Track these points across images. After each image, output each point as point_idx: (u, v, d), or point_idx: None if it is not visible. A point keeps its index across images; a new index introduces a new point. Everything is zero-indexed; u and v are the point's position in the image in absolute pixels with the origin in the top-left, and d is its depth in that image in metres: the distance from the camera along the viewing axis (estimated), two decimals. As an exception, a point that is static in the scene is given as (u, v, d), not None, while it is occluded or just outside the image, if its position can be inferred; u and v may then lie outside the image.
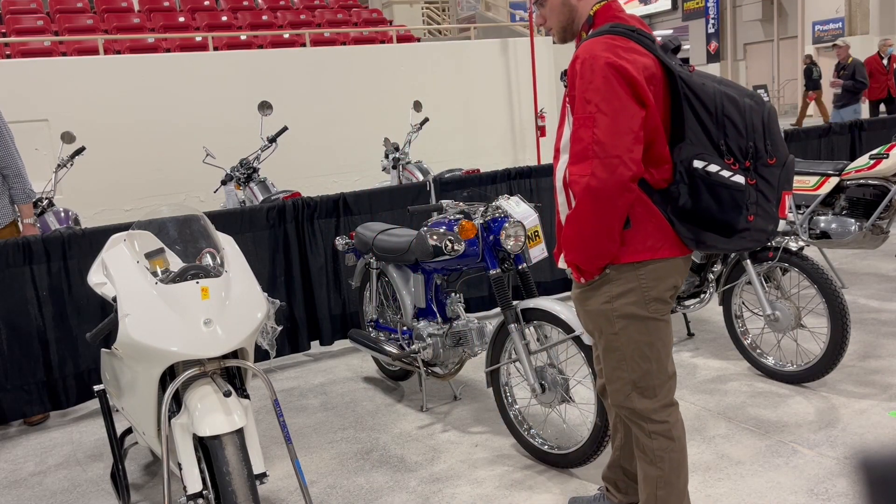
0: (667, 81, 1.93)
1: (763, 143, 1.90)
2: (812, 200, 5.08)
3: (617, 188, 1.86)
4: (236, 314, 2.33)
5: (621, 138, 1.85)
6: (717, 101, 1.89)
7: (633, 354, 2.07)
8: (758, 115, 1.90)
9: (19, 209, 4.15)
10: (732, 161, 1.89)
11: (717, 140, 1.89)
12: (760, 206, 1.92)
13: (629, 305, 2.03)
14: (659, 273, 2.02)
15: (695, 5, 27.33)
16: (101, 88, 9.31)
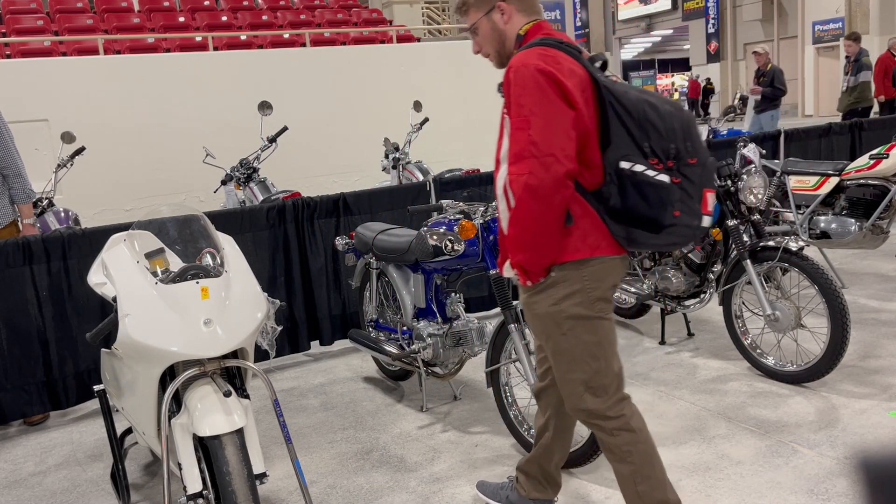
0: (595, 90, 2.06)
1: (683, 144, 2.01)
2: (812, 200, 5.08)
3: (554, 184, 1.98)
4: (236, 314, 2.33)
5: (555, 137, 1.98)
6: (639, 108, 2.01)
7: (583, 355, 2.16)
8: (677, 120, 2.02)
9: (19, 209, 4.15)
10: (656, 161, 2.01)
11: (640, 143, 2.01)
12: (685, 202, 2.03)
13: (576, 306, 2.12)
14: (600, 273, 2.13)
15: (695, 5, 27.33)
16: (101, 88, 9.31)
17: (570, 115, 2.00)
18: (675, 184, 2.01)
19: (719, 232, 3.97)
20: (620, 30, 32.11)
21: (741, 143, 4.34)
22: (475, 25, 2.26)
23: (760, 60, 10.43)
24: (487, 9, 2.20)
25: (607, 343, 2.18)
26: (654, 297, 4.26)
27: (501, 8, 2.19)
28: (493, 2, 2.20)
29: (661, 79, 38.32)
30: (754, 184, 3.80)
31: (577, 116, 2.01)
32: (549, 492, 2.60)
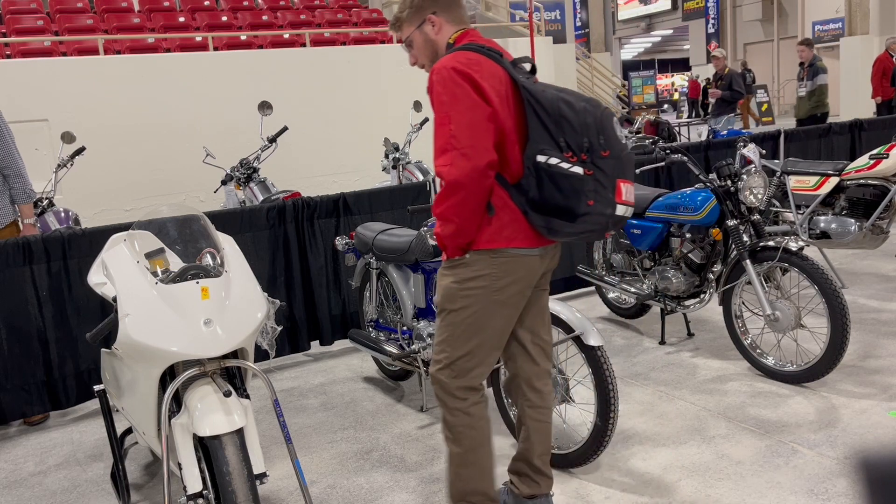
0: (515, 90, 2.24)
1: (596, 139, 2.14)
2: (812, 200, 5.08)
3: (474, 174, 2.13)
4: (236, 314, 2.33)
5: (473, 131, 2.14)
6: (554, 105, 2.16)
7: (462, 335, 2.32)
8: (591, 116, 2.15)
9: (20, 209, 4.15)
10: (571, 154, 2.15)
11: (556, 137, 2.16)
12: (598, 192, 2.16)
13: (475, 290, 2.28)
14: (510, 266, 2.27)
15: (695, 5, 27.33)
16: (101, 88, 9.31)
17: (487, 110, 2.15)
18: (587, 175, 2.15)
19: (719, 232, 3.98)
20: (620, 30, 32.12)
21: (741, 143, 4.34)
22: (409, 38, 2.42)
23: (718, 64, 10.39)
24: (419, 22, 2.38)
25: (491, 334, 2.33)
26: (654, 297, 4.26)
27: (432, 20, 2.36)
28: (424, 15, 2.36)
29: (661, 79, 38.30)
30: (754, 184, 3.80)
31: (493, 113, 2.17)
32: (542, 486, 2.60)
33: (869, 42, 19.42)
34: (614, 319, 4.90)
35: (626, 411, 3.48)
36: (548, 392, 2.58)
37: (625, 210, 2.22)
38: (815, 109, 9.61)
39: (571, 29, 26.48)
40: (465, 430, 2.36)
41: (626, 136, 9.46)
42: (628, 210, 2.24)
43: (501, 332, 2.36)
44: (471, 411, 2.36)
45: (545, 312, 2.56)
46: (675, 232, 4.16)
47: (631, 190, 2.23)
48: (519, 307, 2.36)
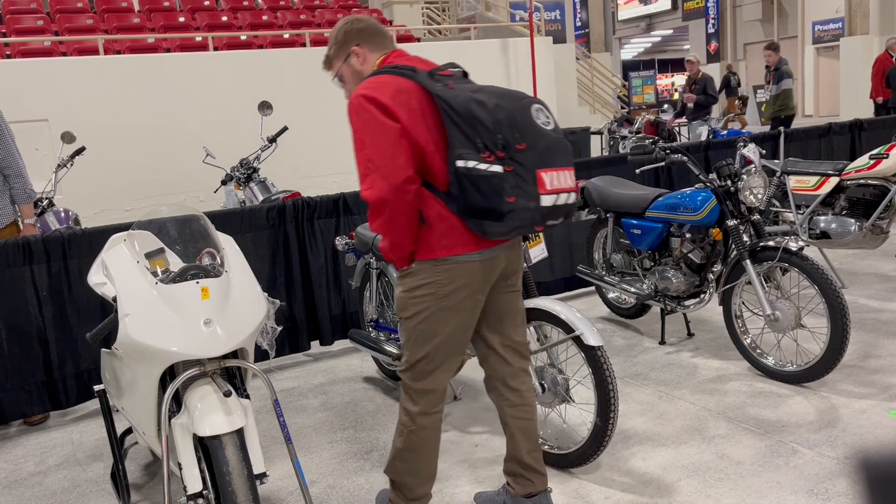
0: (433, 100, 2.25)
1: (510, 133, 2.14)
2: (812, 200, 5.08)
3: (394, 192, 2.19)
4: (236, 314, 2.33)
5: (386, 151, 2.20)
6: (466, 107, 2.17)
7: (417, 340, 2.38)
8: (503, 111, 2.15)
9: (20, 209, 4.15)
10: (488, 154, 2.16)
11: (473, 139, 2.17)
12: (518, 187, 2.16)
13: (423, 298, 2.33)
14: (453, 273, 2.30)
15: (695, 5, 27.34)
16: (101, 88, 9.31)
17: (395, 128, 2.20)
18: (507, 172, 2.15)
19: (719, 232, 3.98)
20: (620, 30, 32.12)
21: (741, 143, 4.34)
22: (339, 73, 2.51)
23: (691, 69, 10.40)
24: (345, 56, 2.47)
25: (445, 340, 2.37)
26: (654, 297, 4.26)
27: (356, 52, 2.45)
28: (349, 48, 2.46)
29: (660, 79, 38.31)
30: (754, 184, 3.80)
31: (402, 129, 2.20)
32: (536, 483, 2.60)
33: (869, 42, 19.42)
34: (614, 319, 4.90)
35: (626, 411, 3.48)
36: (526, 390, 2.59)
37: (555, 199, 2.20)
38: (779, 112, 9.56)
39: (571, 29, 26.48)
40: (406, 432, 2.46)
41: (627, 135, 9.42)
42: (561, 198, 2.22)
43: (455, 337, 2.39)
44: (417, 419, 2.44)
45: (516, 314, 2.55)
46: (675, 232, 4.16)
47: (563, 176, 2.22)
48: (472, 312, 2.38)
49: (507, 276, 2.48)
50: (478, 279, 2.34)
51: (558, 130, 2.26)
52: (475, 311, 2.40)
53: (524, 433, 2.58)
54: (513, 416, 2.58)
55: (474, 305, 2.38)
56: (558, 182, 2.21)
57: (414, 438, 2.46)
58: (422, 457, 2.48)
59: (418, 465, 2.49)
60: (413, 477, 2.50)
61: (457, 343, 2.41)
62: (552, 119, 2.26)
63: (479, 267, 2.33)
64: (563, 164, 2.24)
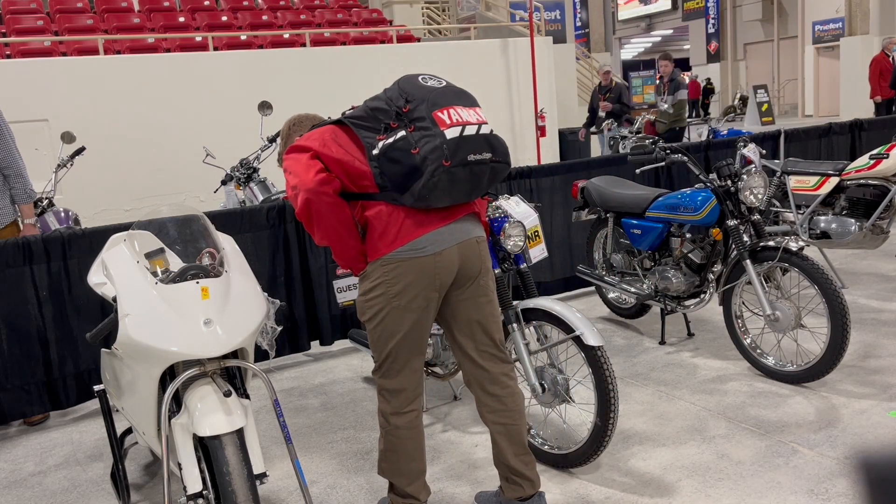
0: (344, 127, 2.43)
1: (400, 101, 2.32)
2: (812, 200, 5.08)
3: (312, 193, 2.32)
4: (236, 314, 2.33)
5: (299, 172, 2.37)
6: (365, 108, 2.38)
7: (378, 341, 2.45)
8: (394, 90, 2.36)
9: (20, 209, 4.15)
10: (389, 125, 2.32)
11: (377, 128, 2.34)
12: (422, 138, 2.24)
13: (376, 298, 2.39)
14: (400, 271, 2.35)
15: (695, 5, 27.33)
16: (101, 88, 9.31)
17: (307, 154, 2.35)
18: (410, 132, 2.25)
19: (719, 232, 3.98)
20: (620, 30, 32.11)
21: (741, 143, 4.34)
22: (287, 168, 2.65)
23: (605, 79, 10.29)
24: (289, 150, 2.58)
25: (404, 340, 2.42)
26: (654, 297, 4.26)
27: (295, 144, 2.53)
28: (293, 140, 2.84)
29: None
30: (754, 184, 3.80)
31: (314, 153, 2.35)
32: (524, 488, 2.59)
33: (869, 42, 19.42)
34: (614, 319, 4.90)
35: (626, 411, 3.48)
36: (506, 395, 2.56)
37: (461, 130, 2.25)
38: (674, 123, 9.38)
39: (571, 29, 26.47)
40: (384, 433, 2.52)
41: (627, 135, 9.41)
42: (469, 129, 2.27)
43: (412, 336, 2.42)
44: (391, 419, 2.49)
45: (489, 320, 2.53)
46: (676, 232, 4.16)
47: (465, 113, 2.28)
48: (425, 311, 2.40)
49: (467, 280, 2.46)
50: (426, 276, 2.36)
51: (451, 86, 2.37)
52: (428, 310, 2.41)
53: (507, 438, 2.57)
54: (492, 422, 2.57)
55: (426, 304, 2.39)
56: (459, 117, 2.27)
57: (391, 439, 2.50)
58: (403, 456, 2.52)
59: (401, 465, 2.53)
60: (400, 476, 2.54)
61: (415, 342, 2.44)
62: (445, 81, 2.39)
63: (428, 263, 2.35)
64: (461, 104, 2.31)
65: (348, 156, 2.37)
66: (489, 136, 2.31)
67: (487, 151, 2.29)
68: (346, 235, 2.36)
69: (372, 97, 2.42)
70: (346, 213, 2.36)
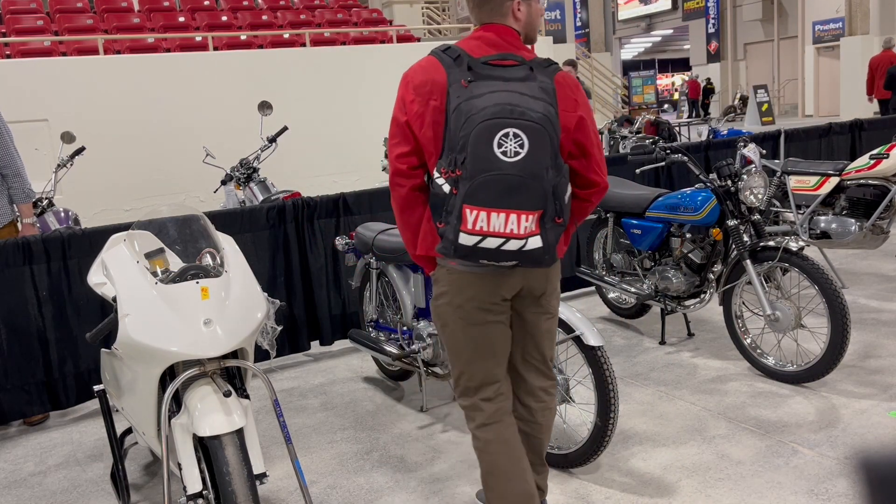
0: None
1: (460, 154, 1.95)
2: (812, 200, 5.08)
3: (391, 184, 2.18)
4: (236, 314, 2.33)
5: (390, 141, 2.16)
6: (451, 113, 2.00)
7: (452, 353, 2.28)
8: (468, 128, 1.94)
9: (18, 209, 4.15)
10: (446, 170, 2.00)
11: (450, 150, 2.01)
12: (450, 214, 1.99)
13: (444, 306, 2.23)
14: (463, 282, 2.17)
15: (695, 5, 27.33)
16: (101, 88, 9.31)
17: (402, 120, 2.11)
18: (453, 195, 1.98)
19: (719, 232, 3.98)
20: (620, 30, 32.11)
21: (741, 143, 4.34)
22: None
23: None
24: None
25: (476, 352, 2.23)
26: (654, 297, 4.26)
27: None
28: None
29: (661, 78, 38.33)
30: (754, 184, 3.80)
31: (407, 123, 2.10)
32: None
33: (869, 42, 19.42)
34: (614, 319, 4.90)
35: (626, 411, 3.48)
36: (539, 409, 2.43)
37: (478, 241, 1.95)
38: None
39: (571, 29, 26.48)
40: (478, 453, 2.29)
41: (627, 135, 9.41)
42: (491, 242, 1.95)
43: (483, 349, 2.23)
44: (478, 434, 2.27)
45: (541, 334, 2.36)
46: (676, 232, 4.16)
47: (503, 219, 1.93)
48: (492, 326, 2.21)
49: (532, 297, 2.26)
50: (485, 292, 2.16)
51: (527, 167, 1.93)
52: (495, 323, 2.21)
53: (526, 446, 2.47)
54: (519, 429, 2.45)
55: (493, 319, 2.20)
56: (487, 224, 1.93)
57: (485, 457, 2.26)
58: (500, 476, 2.24)
59: (501, 488, 2.24)
60: (504, 502, 2.25)
61: (488, 356, 2.23)
62: (526, 151, 1.93)
63: (487, 279, 2.15)
64: (508, 206, 1.93)
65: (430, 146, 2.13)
66: (515, 252, 1.99)
67: (509, 260, 2.01)
68: (407, 232, 2.24)
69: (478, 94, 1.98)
70: (412, 211, 2.20)
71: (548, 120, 1.96)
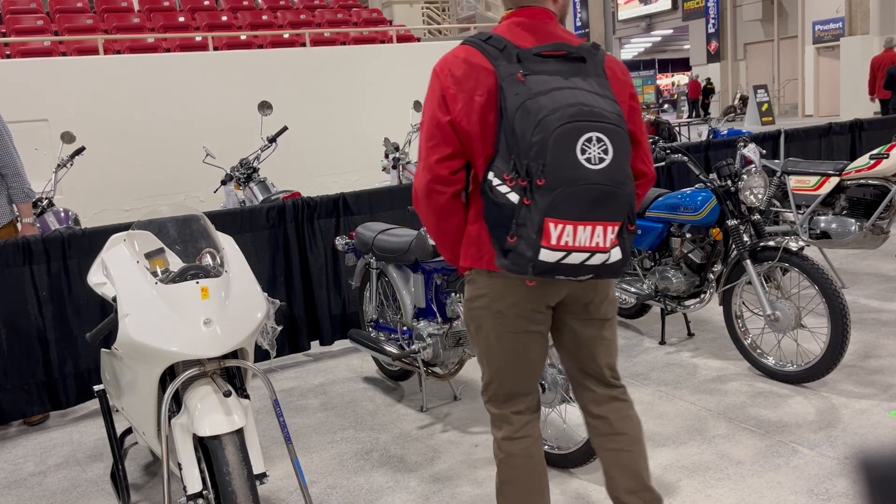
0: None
1: (536, 161, 1.74)
2: (812, 200, 5.08)
3: (423, 190, 1.97)
4: (236, 314, 2.33)
5: (428, 143, 1.95)
6: (513, 113, 1.80)
7: (483, 357, 2.13)
8: (543, 132, 1.74)
9: (18, 209, 4.15)
10: (512, 177, 1.80)
11: (511, 153, 1.80)
12: (522, 228, 1.78)
13: (479, 310, 2.06)
14: (504, 288, 2.00)
15: (695, 5, 27.33)
16: (101, 88, 9.31)
17: (444, 119, 1.91)
18: (525, 205, 1.77)
19: (719, 232, 3.98)
20: (620, 30, 32.11)
21: (741, 143, 4.34)
22: None
23: None
24: None
25: (510, 360, 2.07)
26: (654, 297, 4.26)
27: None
28: None
29: (661, 78, 38.34)
30: (754, 184, 3.80)
31: (451, 121, 1.90)
32: None
33: (869, 42, 19.41)
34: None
35: (626, 411, 3.48)
36: (616, 418, 2.17)
37: (561, 257, 1.78)
38: None
39: (571, 29, 26.48)
40: (498, 462, 2.16)
41: None
42: (575, 257, 1.79)
43: (520, 359, 2.07)
44: (503, 446, 2.13)
45: (596, 342, 2.16)
46: (676, 232, 4.16)
47: (589, 232, 1.78)
48: (532, 334, 2.05)
49: (579, 305, 2.10)
50: (530, 300, 2.01)
51: (613, 174, 1.78)
52: (537, 332, 2.07)
53: (619, 467, 2.16)
54: (601, 447, 2.19)
55: (534, 327, 2.05)
56: (573, 238, 1.77)
57: (506, 468, 2.13)
58: (521, 489, 2.12)
59: (520, 499, 2.12)
60: None
61: (524, 365, 2.09)
62: (611, 156, 1.78)
63: (533, 286, 2.00)
64: (597, 218, 1.78)
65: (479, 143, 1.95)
66: (600, 266, 1.84)
67: (587, 274, 1.85)
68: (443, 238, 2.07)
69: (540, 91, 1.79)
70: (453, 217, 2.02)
71: (622, 120, 1.82)
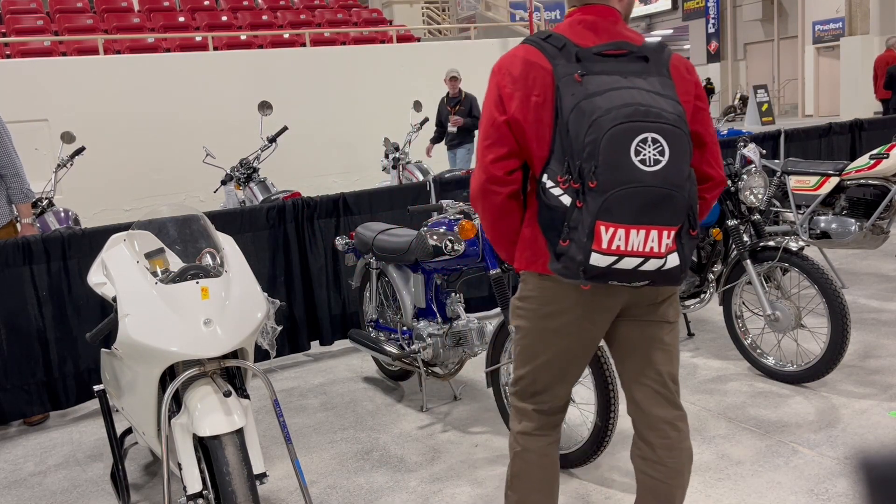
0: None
1: (588, 163, 1.71)
2: (812, 200, 5.07)
3: (479, 189, 1.94)
4: (236, 314, 2.33)
5: (486, 141, 1.93)
6: (568, 113, 1.76)
7: (521, 355, 2.08)
8: (596, 132, 1.70)
9: (17, 209, 4.15)
10: (565, 179, 1.77)
11: (566, 153, 1.77)
12: (574, 231, 1.74)
13: (524, 310, 2.03)
14: (557, 294, 1.94)
15: (695, 5, 27.33)
16: (101, 88, 9.31)
17: (501, 118, 1.88)
18: (577, 208, 1.73)
19: (719, 232, 3.98)
20: (620, 30, 32.06)
21: (741, 143, 4.34)
22: None
23: (454, 87, 8.84)
24: None
25: (548, 363, 2.02)
26: (654, 297, 4.25)
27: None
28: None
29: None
30: (754, 184, 3.80)
31: (507, 121, 1.87)
32: None
33: (869, 42, 19.41)
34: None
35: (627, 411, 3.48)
36: (663, 447, 2.02)
37: (613, 261, 1.72)
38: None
39: (571, 29, 26.42)
40: (513, 454, 2.12)
41: None
42: (628, 262, 1.73)
43: (558, 363, 2.02)
44: (520, 440, 2.10)
45: (652, 348, 2.03)
46: (675, 232, 4.15)
47: (643, 236, 1.71)
48: (578, 339, 1.98)
49: (640, 307, 2.01)
50: (583, 306, 1.93)
51: (669, 176, 1.71)
52: (583, 338, 1.99)
53: (652, 495, 2.04)
54: (639, 469, 2.06)
55: (579, 332, 1.97)
56: (626, 243, 1.71)
57: (520, 462, 2.09)
58: (531, 485, 2.08)
59: (529, 496, 2.09)
60: None
61: (561, 370, 2.03)
62: (668, 157, 1.71)
63: (587, 294, 1.92)
64: (651, 222, 1.72)
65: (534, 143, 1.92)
66: (652, 272, 1.76)
67: (642, 280, 1.78)
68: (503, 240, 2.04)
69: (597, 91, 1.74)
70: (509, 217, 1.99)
71: (682, 121, 1.76)
